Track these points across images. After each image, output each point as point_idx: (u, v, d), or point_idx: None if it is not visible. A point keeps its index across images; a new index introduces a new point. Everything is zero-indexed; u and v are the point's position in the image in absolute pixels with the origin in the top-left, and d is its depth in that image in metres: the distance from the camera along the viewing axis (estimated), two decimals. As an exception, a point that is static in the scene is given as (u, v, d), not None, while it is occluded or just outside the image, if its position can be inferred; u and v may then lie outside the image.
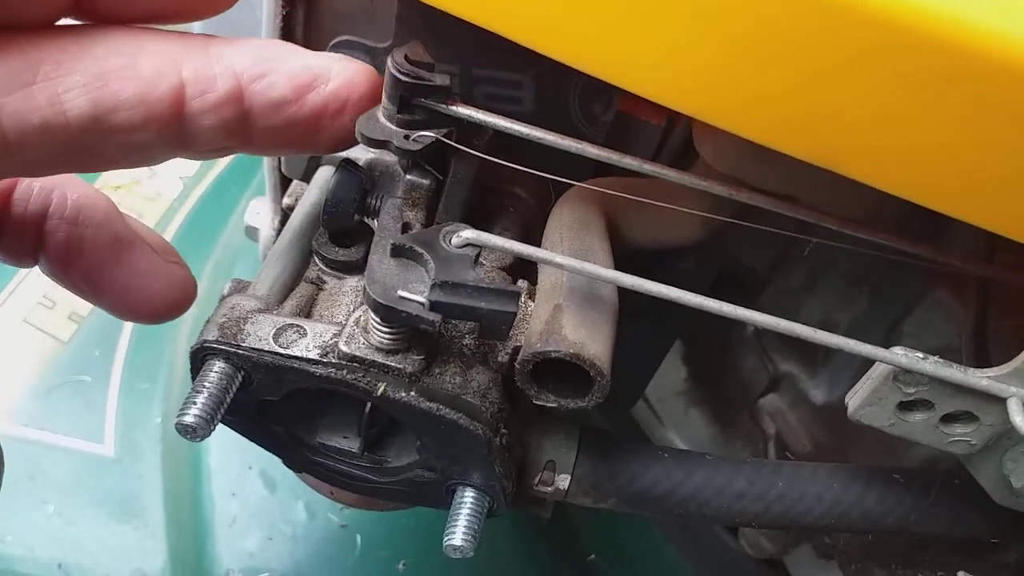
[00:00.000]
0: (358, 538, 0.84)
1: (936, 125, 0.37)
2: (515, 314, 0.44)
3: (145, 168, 1.22)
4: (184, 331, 1.01)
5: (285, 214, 0.68)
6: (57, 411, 0.93)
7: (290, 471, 0.62)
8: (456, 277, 0.43)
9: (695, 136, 0.53)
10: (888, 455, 0.69)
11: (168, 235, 1.11)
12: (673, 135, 0.60)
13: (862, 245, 0.51)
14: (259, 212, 0.73)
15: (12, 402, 0.93)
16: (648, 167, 0.47)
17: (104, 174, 1.19)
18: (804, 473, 0.57)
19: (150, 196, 1.16)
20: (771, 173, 0.51)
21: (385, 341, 0.45)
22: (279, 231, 0.70)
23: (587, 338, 0.45)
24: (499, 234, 0.56)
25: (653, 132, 0.60)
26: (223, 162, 1.22)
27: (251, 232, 0.74)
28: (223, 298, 0.53)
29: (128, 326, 1.01)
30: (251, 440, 0.54)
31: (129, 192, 1.16)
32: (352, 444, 0.53)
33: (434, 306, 0.43)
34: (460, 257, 0.45)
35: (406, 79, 0.44)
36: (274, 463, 0.90)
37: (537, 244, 0.56)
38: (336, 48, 0.56)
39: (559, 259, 0.45)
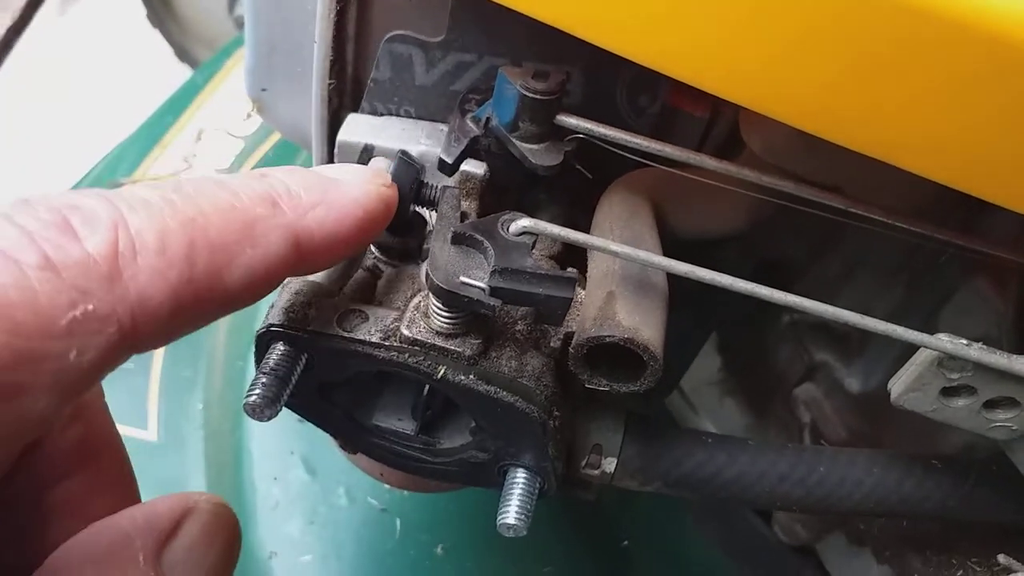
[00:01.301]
0: (398, 522, 0.85)
1: (982, 115, 0.38)
2: (571, 299, 0.45)
3: (182, 160, 1.25)
4: (223, 322, 1.03)
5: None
6: (102, 397, 0.96)
7: (333, 455, 0.63)
8: (514, 264, 0.45)
9: (743, 127, 0.55)
10: (924, 442, 0.70)
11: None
12: (717, 127, 0.61)
13: (905, 235, 0.52)
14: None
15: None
16: (712, 162, 0.48)
17: (145, 167, 1.21)
18: (844, 458, 0.58)
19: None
20: (818, 164, 0.52)
21: (445, 325, 0.47)
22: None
23: (640, 323, 0.47)
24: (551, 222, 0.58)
25: (697, 124, 0.61)
26: (260, 152, 1.24)
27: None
28: (284, 284, 0.55)
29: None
30: (310, 421, 0.55)
31: (167, 183, 1.18)
32: (407, 426, 0.55)
33: (494, 291, 0.44)
34: (517, 245, 0.46)
35: (544, 98, 0.48)
36: (315, 448, 0.93)
37: (585, 230, 0.58)
38: (390, 43, 0.58)
39: (613, 246, 0.47)
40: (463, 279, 0.45)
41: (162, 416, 0.95)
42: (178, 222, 0.32)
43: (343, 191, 0.40)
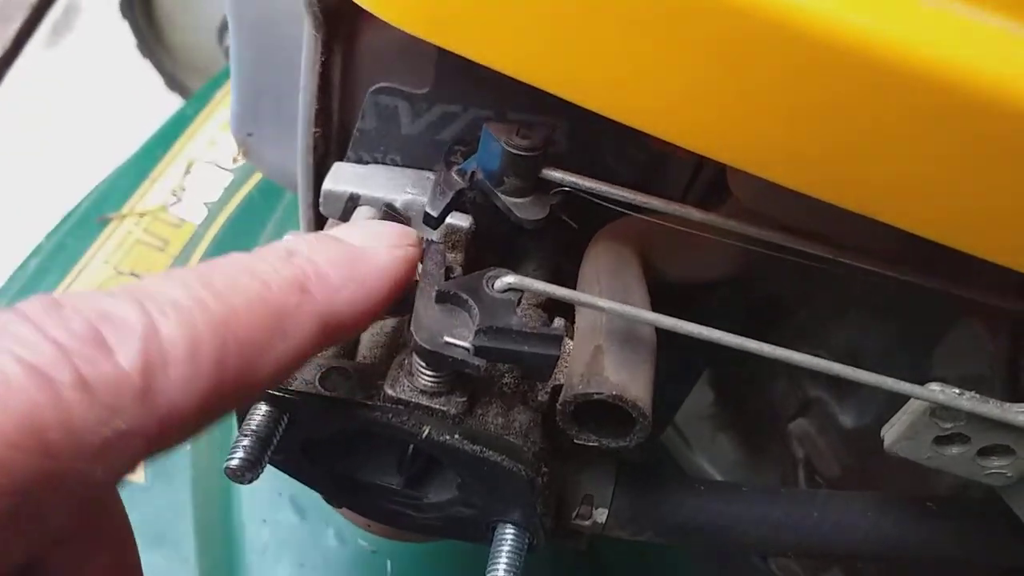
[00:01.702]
0: (388, 564, 0.84)
1: (951, 165, 0.38)
2: (558, 357, 0.45)
3: (170, 194, 1.25)
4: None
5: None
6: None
7: (319, 496, 0.63)
8: (500, 322, 0.44)
9: (729, 176, 0.54)
10: (920, 480, 0.69)
11: (193, 263, 1.12)
12: (704, 170, 0.61)
13: (892, 280, 0.52)
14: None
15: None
16: (697, 214, 0.48)
17: (134, 201, 1.21)
18: (839, 503, 0.58)
19: (175, 223, 1.18)
20: (804, 211, 0.51)
21: (429, 384, 0.47)
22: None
23: (628, 380, 0.46)
24: (531, 274, 0.58)
25: (685, 167, 0.61)
26: (248, 185, 1.23)
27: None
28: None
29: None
30: (293, 477, 0.55)
31: (155, 219, 1.18)
32: (392, 481, 0.54)
33: (479, 351, 0.44)
34: (503, 302, 0.46)
35: (528, 154, 0.48)
36: (305, 490, 0.91)
37: (570, 282, 0.57)
38: (376, 95, 0.57)
39: (600, 302, 0.46)
40: (447, 339, 0.44)
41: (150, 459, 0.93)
42: (209, 325, 0.31)
43: (372, 264, 0.38)
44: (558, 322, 0.54)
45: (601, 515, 0.55)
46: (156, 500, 0.91)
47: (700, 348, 0.74)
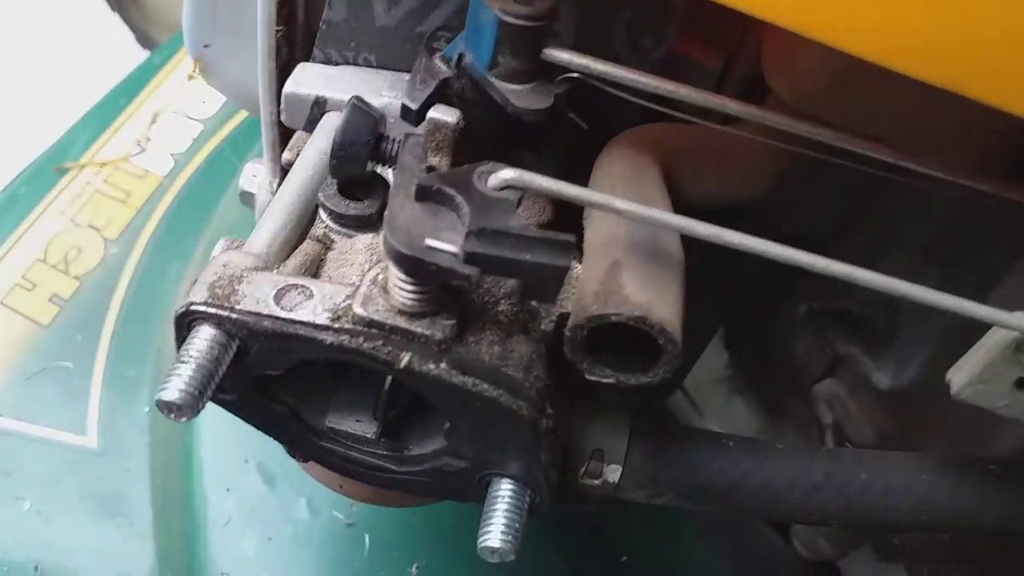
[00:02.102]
0: (366, 538, 0.76)
1: None
2: (567, 269, 0.36)
3: (134, 144, 1.15)
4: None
5: (285, 172, 0.60)
6: (36, 400, 0.86)
7: (292, 463, 0.54)
8: (495, 224, 0.36)
9: (768, 68, 0.46)
10: (967, 444, 0.61)
11: (156, 215, 1.03)
12: (730, 79, 0.52)
13: (960, 194, 0.43)
14: (255, 175, 0.65)
15: (-15, 391, 0.86)
16: (735, 106, 0.39)
17: (92, 151, 1.11)
18: (888, 463, 0.49)
19: (138, 174, 1.08)
20: (859, 109, 0.43)
21: (409, 302, 0.38)
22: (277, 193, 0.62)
23: (654, 298, 0.38)
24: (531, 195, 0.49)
25: (708, 75, 0.52)
26: (218, 137, 1.14)
27: (246, 198, 0.66)
28: (212, 256, 0.45)
29: (113, 308, 0.93)
30: (248, 422, 0.46)
31: (116, 169, 1.08)
32: (367, 428, 0.45)
33: (470, 258, 0.35)
34: (499, 201, 0.37)
35: (530, 24, 0.39)
36: (274, 456, 0.83)
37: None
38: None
39: (619, 203, 0.37)
40: (430, 242, 0.35)
41: (103, 420, 0.84)
42: None
43: None
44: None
45: (614, 473, 0.47)
46: (108, 466, 0.82)
47: (717, 299, 0.66)
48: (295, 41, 0.56)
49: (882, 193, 0.58)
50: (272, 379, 0.42)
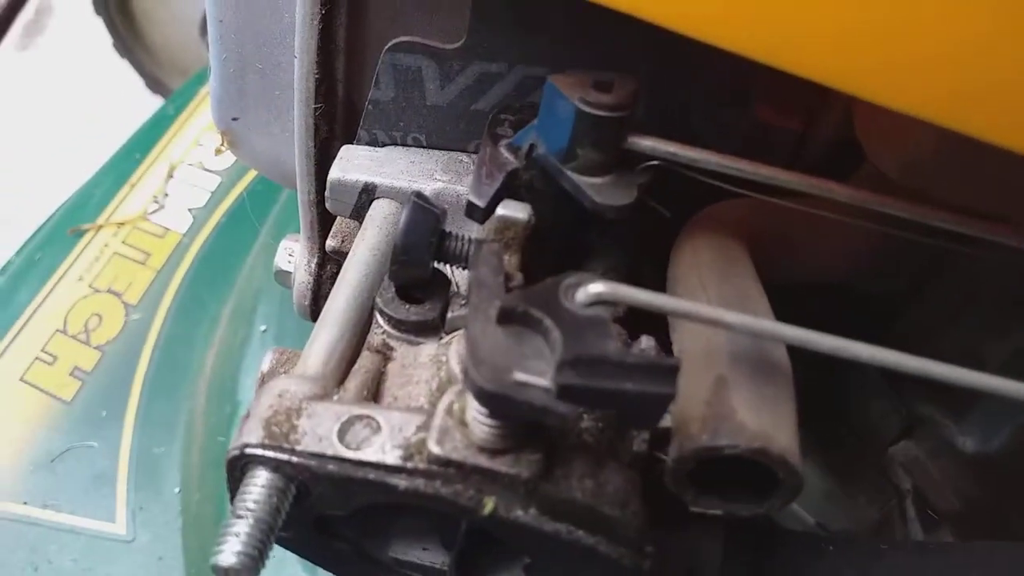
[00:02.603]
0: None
1: None
2: (673, 396, 0.32)
3: (151, 200, 1.11)
4: (202, 383, 0.89)
5: (326, 256, 0.56)
6: (62, 485, 0.81)
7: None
8: (591, 350, 0.31)
9: (867, 141, 0.41)
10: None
11: (178, 277, 0.99)
12: (813, 140, 0.48)
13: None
14: (292, 253, 0.61)
15: (10, 476, 0.81)
16: (842, 191, 0.35)
17: (108, 211, 1.07)
18: (1005, 558, 0.45)
19: (157, 233, 1.04)
20: (984, 185, 0.39)
21: (492, 439, 0.33)
22: (317, 276, 0.58)
23: (771, 424, 0.33)
24: (607, 277, 0.45)
25: (788, 138, 0.48)
26: (238, 188, 1.10)
27: (282, 277, 0.62)
28: (263, 378, 0.41)
29: (137, 380, 0.89)
30: (304, 557, 0.42)
31: (135, 229, 1.04)
32: (435, 557, 0.41)
33: (564, 392, 0.31)
34: (591, 321, 0.33)
35: (612, 115, 0.35)
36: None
37: (655, 286, 0.44)
38: (393, 53, 0.44)
39: (729, 317, 0.33)
40: (519, 376, 0.31)
41: (132, 505, 0.80)
42: None
43: None
44: (646, 342, 0.40)
45: (707, 594, 0.42)
46: (139, 555, 0.78)
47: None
48: (334, 118, 0.52)
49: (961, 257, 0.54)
50: (334, 517, 0.37)
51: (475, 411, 0.33)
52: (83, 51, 1.90)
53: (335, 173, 0.47)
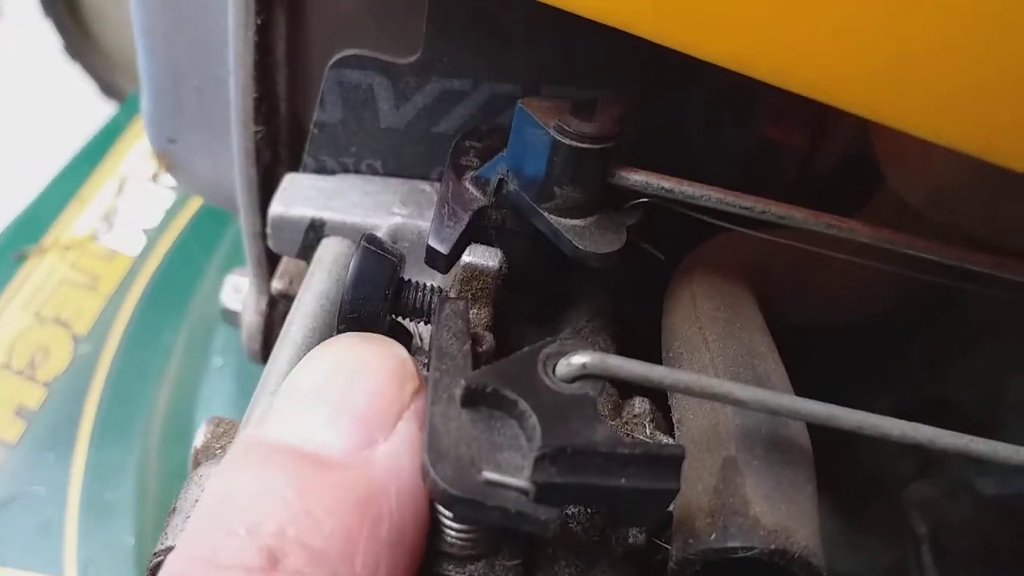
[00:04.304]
0: None
1: None
2: (676, 491, 0.26)
3: (100, 219, 1.04)
4: (156, 422, 0.82)
5: (274, 298, 0.50)
6: (5, 535, 0.75)
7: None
8: (576, 438, 0.26)
9: (888, 163, 0.36)
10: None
11: (129, 304, 0.92)
12: (822, 157, 0.43)
13: None
14: (239, 290, 0.55)
15: (-53, 528, 0.75)
16: (865, 231, 0.30)
17: (55, 231, 1.00)
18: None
19: (106, 256, 0.97)
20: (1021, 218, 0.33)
21: (459, 542, 0.28)
22: (267, 317, 0.52)
23: (789, 516, 0.28)
24: (584, 329, 0.39)
25: (794, 156, 0.42)
26: (192, 207, 1.03)
27: (229, 316, 0.56)
28: (196, 455, 0.35)
29: (87, 419, 0.82)
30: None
31: (83, 252, 0.97)
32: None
33: (544, 492, 0.25)
34: (576, 401, 0.27)
35: (594, 146, 0.29)
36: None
37: (643, 337, 0.39)
38: (339, 69, 0.38)
39: (741, 392, 0.27)
40: (488, 475, 0.25)
41: (82, 557, 0.74)
42: None
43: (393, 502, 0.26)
44: (640, 405, 0.35)
45: None
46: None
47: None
48: (278, 140, 0.46)
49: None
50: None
51: (439, 511, 0.28)
52: (30, 55, 1.81)
53: (277, 208, 0.41)
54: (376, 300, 0.34)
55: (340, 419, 0.27)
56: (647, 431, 0.33)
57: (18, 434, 0.81)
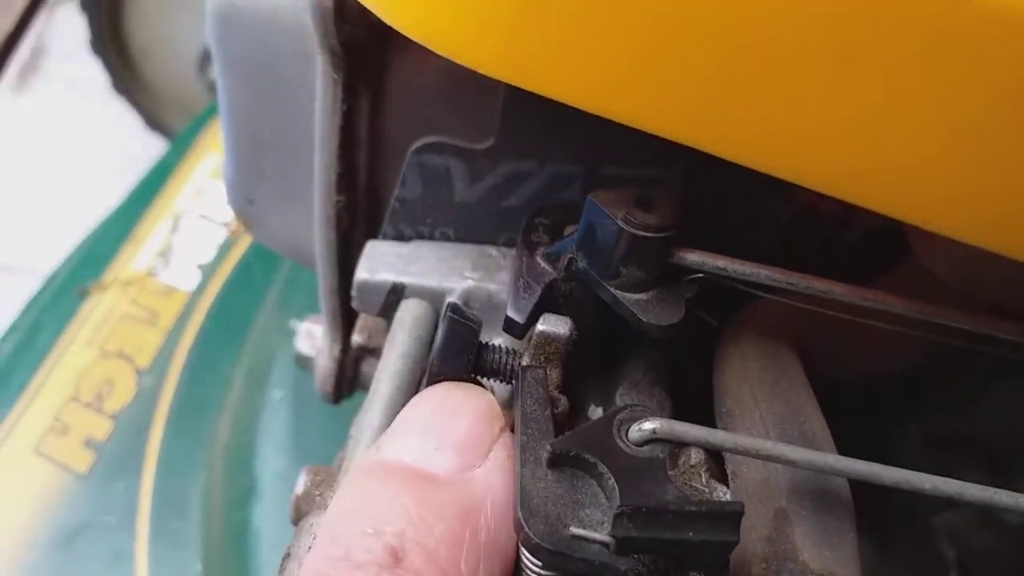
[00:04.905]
0: None
1: None
2: (736, 543, 0.30)
3: (156, 256, 1.10)
4: (217, 453, 0.87)
5: (348, 347, 0.55)
6: (79, 564, 0.79)
7: None
8: (650, 498, 0.30)
9: (916, 239, 0.40)
10: None
11: (188, 338, 0.97)
12: (854, 226, 0.47)
13: None
14: (312, 336, 0.60)
15: (25, 555, 0.80)
16: (899, 305, 0.34)
17: (114, 268, 1.06)
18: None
19: (163, 291, 1.02)
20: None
21: (545, 586, 0.32)
22: (340, 362, 0.57)
23: (833, 561, 0.32)
24: (640, 383, 0.43)
25: (829, 225, 0.46)
26: (245, 242, 1.08)
27: (303, 361, 0.61)
28: (297, 502, 0.40)
29: (152, 449, 0.87)
30: None
31: (142, 287, 1.03)
32: None
33: (623, 546, 0.29)
34: (648, 463, 0.31)
35: (657, 235, 0.34)
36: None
37: (701, 387, 0.43)
38: (420, 154, 0.43)
39: (793, 453, 0.31)
40: (575, 530, 0.30)
41: (152, 581, 0.79)
42: None
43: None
44: (695, 455, 0.39)
45: None
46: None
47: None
48: (356, 208, 0.50)
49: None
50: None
51: (529, 564, 0.32)
52: (80, 92, 1.88)
53: (362, 274, 0.46)
54: (460, 363, 0.38)
55: (445, 447, 0.33)
56: (703, 479, 0.37)
57: (89, 465, 0.86)
